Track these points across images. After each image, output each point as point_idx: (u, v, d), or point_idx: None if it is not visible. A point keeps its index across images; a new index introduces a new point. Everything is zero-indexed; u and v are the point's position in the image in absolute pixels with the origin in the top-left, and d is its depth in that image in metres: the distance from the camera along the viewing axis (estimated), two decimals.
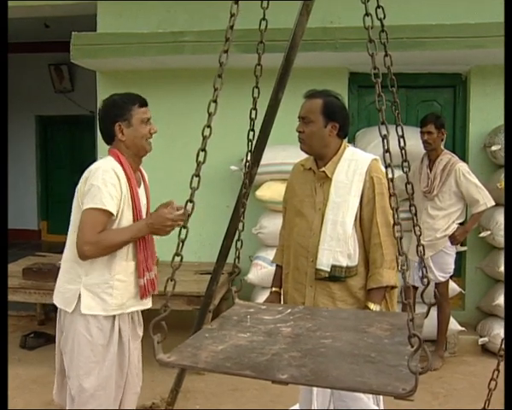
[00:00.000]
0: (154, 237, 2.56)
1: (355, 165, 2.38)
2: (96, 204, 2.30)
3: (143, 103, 2.47)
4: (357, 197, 2.35)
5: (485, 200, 4.13)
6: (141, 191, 2.52)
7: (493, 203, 4.18)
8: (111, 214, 2.35)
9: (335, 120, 2.37)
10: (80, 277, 2.38)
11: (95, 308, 2.37)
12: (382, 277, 2.30)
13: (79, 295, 2.37)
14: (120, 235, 2.37)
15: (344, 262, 2.32)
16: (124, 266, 2.43)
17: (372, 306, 2.30)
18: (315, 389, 2.41)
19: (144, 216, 2.51)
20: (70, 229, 2.44)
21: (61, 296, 2.45)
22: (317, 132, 2.37)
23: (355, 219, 2.35)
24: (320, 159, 2.44)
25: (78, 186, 2.41)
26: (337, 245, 2.32)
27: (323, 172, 2.41)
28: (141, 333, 2.62)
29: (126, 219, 2.41)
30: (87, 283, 2.37)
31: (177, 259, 1.43)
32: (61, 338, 2.46)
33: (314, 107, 2.37)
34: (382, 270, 2.30)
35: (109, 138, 2.48)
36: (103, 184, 2.32)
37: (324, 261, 2.34)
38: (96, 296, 2.37)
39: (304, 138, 2.40)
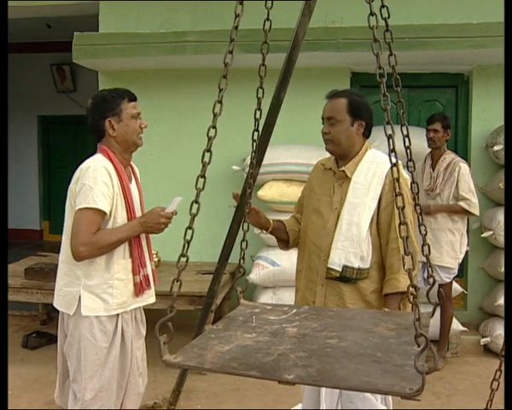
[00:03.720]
0: (153, 235, 2.54)
1: (375, 167, 2.34)
2: (89, 204, 2.28)
3: (132, 98, 2.45)
4: (374, 200, 2.30)
5: (472, 205, 4.13)
6: (132, 187, 2.51)
7: (477, 213, 4.18)
8: (104, 213, 2.33)
9: (362, 119, 2.34)
10: (79, 279, 2.37)
11: (96, 309, 2.36)
12: (399, 282, 2.23)
13: (80, 297, 2.36)
14: (115, 234, 2.36)
15: (356, 264, 2.28)
16: (122, 264, 2.42)
17: None
18: (323, 389, 2.37)
19: (138, 211, 2.50)
20: (64, 230, 2.42)
21: (61, 299, 2.43)
22: (345, 132, 2.33)
23: (371, 222, 2.30)
24: (342, 159, 2.41)
25: (71, 186, 2.39)
26: (350, 246, 2.28)
27: (343, 171, 2.38)
28: (144, 332, 2.61)
29: (120, 216, 2.40)
30: (87, 284, 2.36)
31: (183, 260, 1.43)
32: (65, 341, 2.45)
33: (340, 106, 2.33)
34: (399, 275, 2.23)
35: (99, 135, 2.45)
36: (94, 183, 2.30)
37: (336, 261, 2.30)
38: (97, 297, 2.36)
39: (331, 139, 2.36)
